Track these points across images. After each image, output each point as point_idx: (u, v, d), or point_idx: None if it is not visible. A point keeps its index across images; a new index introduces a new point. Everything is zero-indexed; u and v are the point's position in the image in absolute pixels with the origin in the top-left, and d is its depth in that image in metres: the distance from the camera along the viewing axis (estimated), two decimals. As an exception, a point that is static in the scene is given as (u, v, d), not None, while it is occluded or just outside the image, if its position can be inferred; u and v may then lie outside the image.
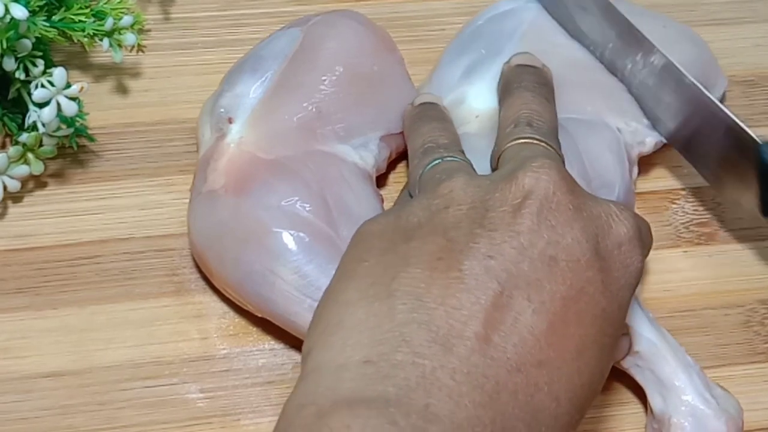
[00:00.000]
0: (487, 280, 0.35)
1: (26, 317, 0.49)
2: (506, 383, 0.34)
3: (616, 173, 0.49)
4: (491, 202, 0.38)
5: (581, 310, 0.36)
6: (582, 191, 0.39)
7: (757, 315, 0.50)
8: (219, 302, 0.50)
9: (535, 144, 0.43)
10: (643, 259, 0.39)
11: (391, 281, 0.36)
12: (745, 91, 0.59)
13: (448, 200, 0.38)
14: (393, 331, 0.34)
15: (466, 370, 0.34)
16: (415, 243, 0.37)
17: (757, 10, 0.62)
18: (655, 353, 0.45)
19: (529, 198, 0.37)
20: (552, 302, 0.36)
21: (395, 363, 0.34)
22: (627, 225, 0.39)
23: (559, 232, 0.37)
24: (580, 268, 0.37)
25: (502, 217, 0.37)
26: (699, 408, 0.44)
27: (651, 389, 0.46)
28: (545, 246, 0.37)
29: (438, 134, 0.46)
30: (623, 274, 0.38)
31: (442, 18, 0.61)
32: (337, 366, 0.34)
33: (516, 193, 0.38)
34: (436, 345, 0.34)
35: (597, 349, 0.37)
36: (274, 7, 0.60)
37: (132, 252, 0.51)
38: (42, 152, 0.52)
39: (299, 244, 0.46)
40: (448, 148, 0.45)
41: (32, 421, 0.46)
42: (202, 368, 0.48)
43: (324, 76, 0.50)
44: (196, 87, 0.56)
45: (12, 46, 0.49)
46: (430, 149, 0.45)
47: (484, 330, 0.34)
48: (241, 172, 0.48)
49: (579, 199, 0.38)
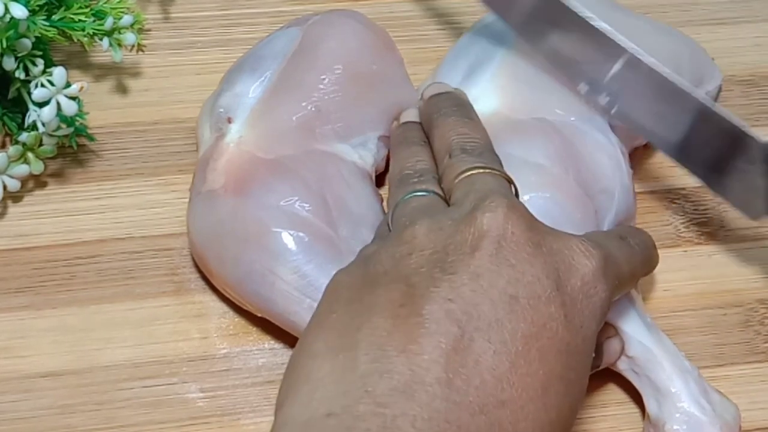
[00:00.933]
0: (447, 323, 0.35)
1: (25, 317, 0.49)
2: (468, 426, 0.34)
3: (614, 178, 0.49)
4: (452, 246, 0.38)
5: (544, 346, 0.36)
6: (541, 226, 0.39)
7: (757, 315, 0.50)
8: (219, 302, 0.50)
9: (481, 173, 0.42)
10: (609, 289, 0.39)
11: (356, 332, 0.36)
12: (744, 91, 0.59)
13: (411, 247, 0.39)
14: (356, 383, 0.35)
15: (427, 416, 0.34)
16: (380, 291, 0.37)
17: (756, 9, 0.62)
18: (650, 359, 0.45)
19: (487, 238, 0.37)
20: (513, 341, 0.36)
21: (357, 414, 0.34)
22: (589, 257, 0.39)
23: (519, 270, 0.37)
24: (542, 305, 0.37)
25: (462, 259, 0.37)
26: (694, 415, 0.44)
27: (647, 394, 0.46)
28: (505, 285, 0.37)
29: (415, 160, 0.46)
30: (586, 306, 0.38)
31: (441, 17, 0.61)
32: (303, 422, 0.34)
33: (474, 234, 0.38)
34: (398, 393, 0.34)
35: (563, 385, 0.37)
36: (273, 6, 0.60)
37: (131, 251, 0.51)
38: (42, 152, 0.52)
39: (299, 244, 0.46)
40: (422, 175, 0.45)
41: (31, 420, 0.46)
42: (201, 368, 0.48)
43: (323, 76, 0.50)
44: (195, 87, 0.56)
45: (12, 45, 0.49)
46: (405, 178, 0.45)
47: (445, 374, 0.34)
48: (240, 172, 0.48)
49: (538, 235, 0.38)
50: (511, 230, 0.38)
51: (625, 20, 0.55)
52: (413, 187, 0.44)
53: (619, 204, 0.49)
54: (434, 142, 0.47)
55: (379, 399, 0.34)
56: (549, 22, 0.50)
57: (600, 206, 0.48)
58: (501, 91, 0.50)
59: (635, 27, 0.54)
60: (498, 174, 0.43)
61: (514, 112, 0.50)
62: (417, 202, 0.43)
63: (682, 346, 0.47)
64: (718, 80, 0.56)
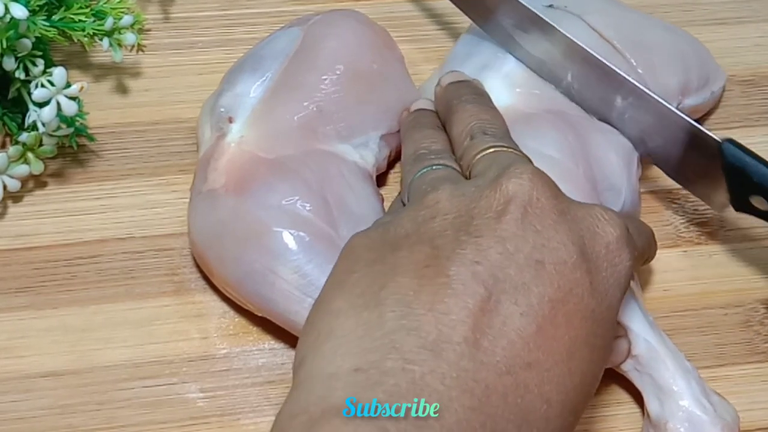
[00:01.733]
0: (474, 284, 0.36)
1: (26, 317, 0.49)
2: (496, 386, 0.34)
3: (623, 177, 0.49)
4: (476, 210, 0.38)
5: (570, 311, 0.36)
6: (565, 196, 0.39)
7: (757, 315, 0.50)
8: (219, 302, 0.50)
9: (503, 151, 0.43)
10: (632, 258, 0.40)
11: (380, 290, 0.36)
12: (745, 91, 0.59)
13: (434, 211, 0.39)
14: (383, 339, 0.35)
15: (455, 374, 0.34)
16: (403, 253, 0.37)
17: (757, 9, 0.62)
18: (654, 357, 0.45)
19: (513, 203, 0.38)
20: (540, 305, 0.36)
21: (385, 370, 0.34)
22: (613, 225, 0.39)
23: (545, 236, 0.37)
24: (567, 270, 0.37)
25: (488, 223, 0.37)
26: (696, 414, 0.44)
27: (648, 393, 0.46)
28: (531, 250, 0.37)
29: (430, 141, 0.47)
30: (611, 274, 0.38)
31: (442, 17, 0.61)
32: (327, 375, 0.34)
33: (500, 199, 0.38)
34: (426, 351, 0.34)
35: (588, 351, 0.37)
36: (273, 6, 0.60)
37: (132, 251, 0.51)
38: (42, 152, 0.52)
39: (299, 244, 0.46)
40: (439, 154, 0.45)
41: (31, 420, 0.46)
42: (201, 368, 0.48)
43: (324, 76, 0.50)
44: (195, 86, 0.56)
45: (12, 45, 0.49)
46: (421, 156, 0.45)
47: (472, 334, 0.35)
48: (241, 172, 0.48)
49: (563, 203, 0.39)
50: (537, 197, 0.38)
51: (633, 18, 0.55)
52: (430, 162, 0.44)
53: (625, 202, 0.49)
54: (453, 127, 0.47)
55: (407, 356, 0.34)
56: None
57: (606, 203, 0.48)
58: (515, 86, 0.51)
59: (644, 25, 0.54)
60: (520, 154, 0.43)
61: (528, 107, 0.50)
62: (435, 174, 0.43)
63: (682, 346, 0.47)
64: (723, 80, 0.56)
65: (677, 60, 0.54)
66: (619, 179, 0.49)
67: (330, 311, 0.37)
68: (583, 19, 0.53)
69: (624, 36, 0.53)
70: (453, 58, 0.54)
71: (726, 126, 0.57)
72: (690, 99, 0.54)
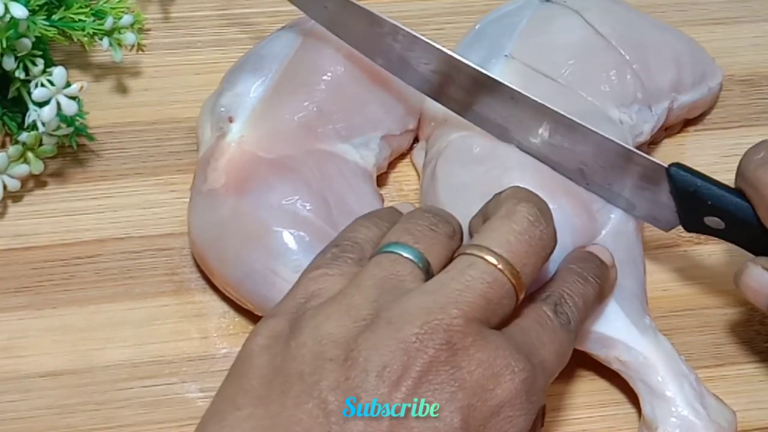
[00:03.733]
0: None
1: (25, 317, 0.49)
2: None
3: None
4: (363, 366, 0.35)
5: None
6: (466, 337, 0.36)
7: (757, 314, 0.50)
8: (219, 301, 0.50)
9: (474, 261, 0.38)
10: (532, 412, 0.37)
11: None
12: (744, 90, 0.59)
13: (324, 348, 0.36)
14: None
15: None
16: (288, 406, 0.35)
17: (754, 9, 0.62)
18: (643, 363, 0.45)
19: (407, 372, 0.35)
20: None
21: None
22: (513, 379, 0.37)
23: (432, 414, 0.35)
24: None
25: (376, 387, 0.35)
26: (688, 419, 0.44)
27: (642, 397, 0.46)
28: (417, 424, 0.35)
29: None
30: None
31: (441, 17, 0.61)
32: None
33: (395, 364, 0.35)
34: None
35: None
36: (273, 6, 0.60)
37: (131, 251, 0.51)
38: (42, 151, 0.52)
39: (299, 243, 0.46)
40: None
41: (30, 420, 0.46)
42: (201, 367, 0.48)
43: (325, 76, 0.50)
44: (195, 86, 0.56)
45: (12, 45, 0.49)
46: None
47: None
48: (241, 172, 0.48)
49: (457, 354, 0.36)
50: (424, 354, 0.36)
51: (630, 16, 0.55)
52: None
53: None
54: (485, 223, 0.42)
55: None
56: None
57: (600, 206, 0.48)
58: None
59: (639, 23, 0.55)
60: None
61: None
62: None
63: (681, 346, 0.47)
64: (719, 77, 0.57)
65: (670, 56, 0.54)
66: None
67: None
68: (581, 14, 0.53)
69: (619, 33, 0.53)
70: None
71: (725, 126, 0.57)
72: (686, 95, 0.54)
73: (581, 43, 0.52)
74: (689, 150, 0.56)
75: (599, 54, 0.52)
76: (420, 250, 0.39)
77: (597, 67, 0.52)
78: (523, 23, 0.53)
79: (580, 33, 0.53)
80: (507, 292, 0.38)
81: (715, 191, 0.45)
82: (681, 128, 0.57)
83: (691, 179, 0.45)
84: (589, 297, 0.43)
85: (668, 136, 0.56)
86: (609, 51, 0.52)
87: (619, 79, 0.52)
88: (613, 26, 0.53)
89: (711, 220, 0.45)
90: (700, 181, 0.45)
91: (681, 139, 0.57)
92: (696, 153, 0.56)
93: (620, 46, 0.52)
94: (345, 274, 0.39)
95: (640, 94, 0.52)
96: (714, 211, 0.45)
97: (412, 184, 0.54)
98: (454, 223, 0.42)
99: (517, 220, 0.39)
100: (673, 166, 0.45)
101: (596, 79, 0.51)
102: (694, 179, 0.45)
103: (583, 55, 0.52)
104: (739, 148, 0.56)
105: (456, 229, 0.41)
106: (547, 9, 0.54)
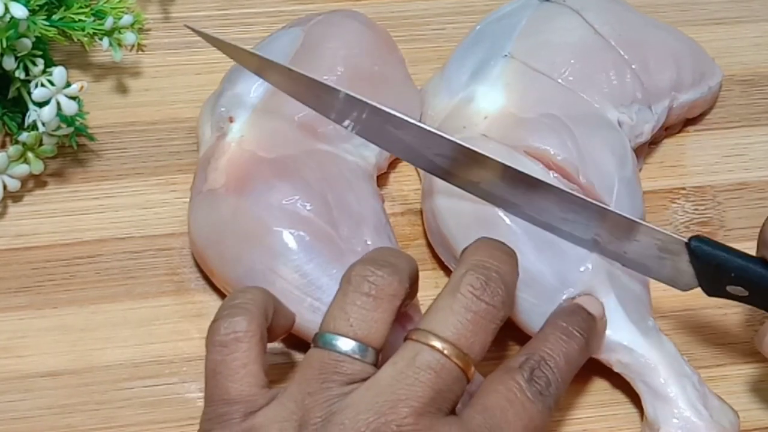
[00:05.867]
0: None
1: (25, 316, 0.49)
2: None
3: (614, 176, 0.49)
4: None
5: None
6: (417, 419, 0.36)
7: (757, 314, 0.50)
8: (219, 301, 0.49)
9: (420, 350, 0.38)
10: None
11: None
12: (744, 91, 0.59)
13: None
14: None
15: None
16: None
17: (755, 9, 0.62)
18: (644, 365, 0.45)
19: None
20: None
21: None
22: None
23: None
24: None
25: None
26: (691, 420, 0.44)
27: (644, 398, 0.46)
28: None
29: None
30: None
31: (442, 17, 0.61)
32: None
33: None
34: None
35: None
36: (274, 6, 0.60)
37: (132, 251, 0.51)
38: (42, 151, 0.52)
39: (300, 243, 0.46)
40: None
41: (30, 420, 0.46)
42: (201, 367, 0.47)
43: (325, 76, 0.50)
44: (195, 86, 0.56)
45: (12, 45, 0.49)
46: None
47: None
48: (241, 171, 0.48)
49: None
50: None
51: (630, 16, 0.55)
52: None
53: (618, 199, 0.48)
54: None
55: None
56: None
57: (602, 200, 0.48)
58: (508, 88, 0.51)
59: (639, 23, 0.55)
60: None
61: (521, 110, 0.50)
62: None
63: (681, 346, 0.47)
64: (719, 77, 0.57)
65: (670, 56, 0.54)
66: (611, 179, 0.49)
67: None
68: (581, 14, 0.53)
69: (618, 33, 0.53)
70: (450, 62, 0.54)
71: (725, 126, 0.57)
72: (685, 94, 0.54)
73: (581, 42, 0.52)
74: (689, 150, 0.56)
75: (599, 54, 0.52)
76: (359, 336, 0.38)
77: (597, 67, 0.52)
78: (523, 23, 0.53)
79: (580, 33, 0.53)
80: (455, 378, 0.38)
81: (738, 263, 0.43)
82: (681, 128, 0.57)
83: (713, 253, 0.44)
84: (572, 354, 0.42)
85: (668, 136, 0.56)
86: (608, 51, 0.52)
87: (618, 79, 0.52)
88: (613, 26, 0.53)
89: (734, 289, 0.44)
90: (722, 254, 0.43)
91: (681, 139, 0.57)
92: (696, 153, 0.56)
93: (620, 45, 0.52)
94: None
95: (639, 94, 0.52)
96: (737, 282, 0.44)
97: (412, 184, 0.54)
98: (400, 266, 0.40)
99: (461, 297, 0.38)
100: (694, 240, 0.44)
101: (596, 79, 0.51)
102: (717, 253, 0.44)
103: (582, 54, 0.52)
104: (740, 148, 0.56)
105: (402, 276, 0.40)
106: (546, 9, 0.54)
